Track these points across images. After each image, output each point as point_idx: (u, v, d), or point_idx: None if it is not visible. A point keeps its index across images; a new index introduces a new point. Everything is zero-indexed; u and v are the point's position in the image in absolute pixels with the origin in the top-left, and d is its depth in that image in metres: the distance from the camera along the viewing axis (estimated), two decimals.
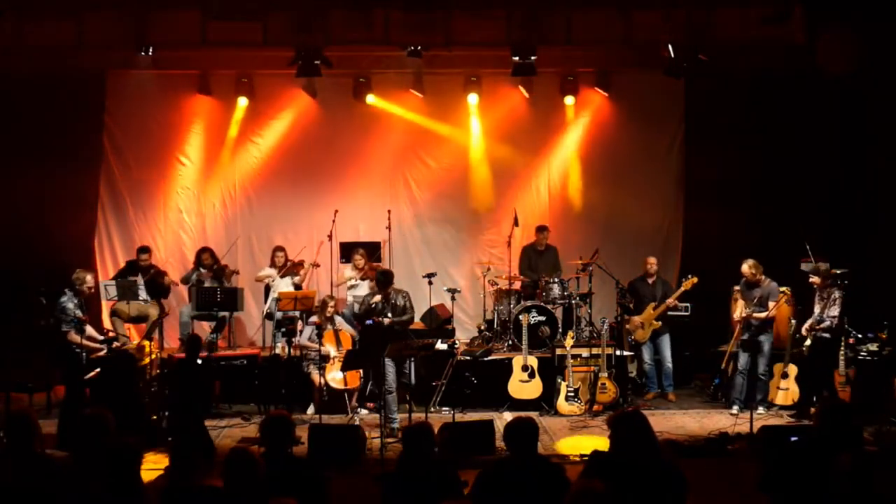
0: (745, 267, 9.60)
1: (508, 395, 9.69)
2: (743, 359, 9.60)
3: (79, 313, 8.90)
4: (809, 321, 9.23)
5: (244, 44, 10.84)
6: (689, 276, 10.08)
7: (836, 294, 9.08)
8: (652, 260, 10.50)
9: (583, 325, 10.80)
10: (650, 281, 10.42)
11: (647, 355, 10.34)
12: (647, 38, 10.63)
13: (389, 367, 8.79)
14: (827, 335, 9.08)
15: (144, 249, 10.99)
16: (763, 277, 9.54)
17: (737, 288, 9.96)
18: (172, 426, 8.02)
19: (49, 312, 9.01)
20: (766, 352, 9.50)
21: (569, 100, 11.94)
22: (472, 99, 11.90)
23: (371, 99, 11.86)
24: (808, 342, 9.29)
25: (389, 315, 9.13)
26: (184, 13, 10.48)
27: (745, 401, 9.44)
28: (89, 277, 9.15)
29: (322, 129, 12.18)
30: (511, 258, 11.13)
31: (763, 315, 9.44)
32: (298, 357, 9.73)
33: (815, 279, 9.25)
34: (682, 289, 10.07)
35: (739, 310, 9.67)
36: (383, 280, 9.26)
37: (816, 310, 9.18)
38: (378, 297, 9.20)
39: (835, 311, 9.01)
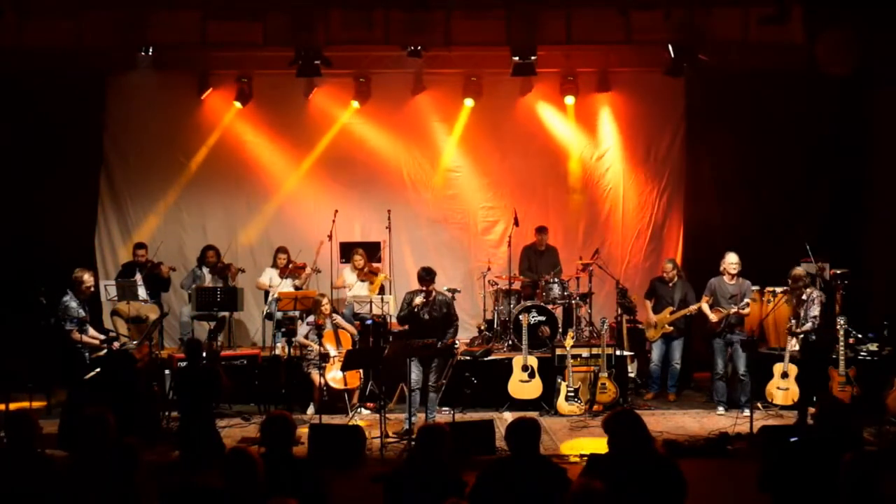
0: (735, 258, 9.62)
1: (508, 395, 9.69)
2: (721, 362, 9.68)
3: (81, 312, 8.93)
4: (792, 322, 9.17)
5: (244, 44, 10.83)
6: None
7: (815, 294, 9.07)
8: (668, 266, 10.43)
9: (583, 325, 10.81)
10: (669, 284, 10.34)
11: (655, 356, 10.30)
12: (647, 38, 10.63)
13: (414, 366, 8.74)
14: (813, 336, 9.03)
15: (140, 245, 11.08)
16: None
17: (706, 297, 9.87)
18: (182, 429, 8.02)
19: (49, 312, 9.03)
20: (742, 352, 9.47)
21: (569, 100, 11.91)
22: (472, 100, 11.88)
23: (371, 99, 11.89)
24: (795, 345, 9.22)
25: (426, 316, 8.96)
26: (184, 13, 10.48)
27: (729, 402, 9.60)
28: (87, 276, 9.18)
29: (322, 129, 12.19)
30: (511, 258, 11.13)
31: (747, 311, 9.57)
32: (298, 357, 9.73)
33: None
34: (699, 305, 9.96)
35: (706, 309, 9.69)
36: (425, 276, 8.97)
37: (801, 312, 9.12)
38: (420, 299, 8.94)
39: (814, 310, 8.96)
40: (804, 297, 9.06)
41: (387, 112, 12.13)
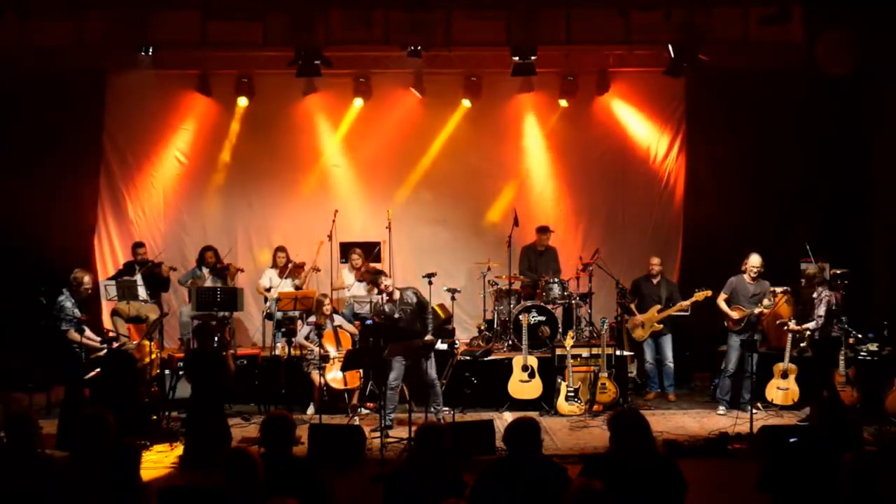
0: (759, 260, 9.58)
1: (508, 395, 9.69)
2: (734, 360, 9.64)
3: (77, 312, 8.92)
4: (793, 321, 9.29)
5: (244, 44, 10.85)
6: (703, 289, 9.90)
7: (824, 293, 9.09)
8: (655, 260, 10.47)
9: (583, 325, 10.81)
10: (654, 281, 10.37)
11: (648, 355, 10.33)
12: (647, 38, 10.64)
13: (396, 364, 8.78)
14: (816, 335, 9.09)
15: (139, 244, 11.11)
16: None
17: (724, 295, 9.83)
18: (189, 417, 8.04)
19: (49, 312, 9.03)
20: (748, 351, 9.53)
21: (563, 102, 11.90)
22: (471, 101, 11.89)
23: (371, 99, 11.89)
24: (802, 343, 9.29)
25: (398, 315, 9.04)
26: (184, 13, 10.50)
27: (731, 402, 9.60)
28: (87, 278, 9.18)
29: (322, 129, 12.20)
30: (511, 258, 11.13)
31: (769, 311, 9.59)
32: (298, 357, 9.73)
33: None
34: (694, 299, 9.96)
35: (723, 306, 9.65)
36: (371, 279, 9.26)
37: (810, 310, 9.21)
38: (378, 298, 9.10)
39: (821, 310, 9.02)
40: (814, 295, 9.09)
41: (387, 112, 12.12)
